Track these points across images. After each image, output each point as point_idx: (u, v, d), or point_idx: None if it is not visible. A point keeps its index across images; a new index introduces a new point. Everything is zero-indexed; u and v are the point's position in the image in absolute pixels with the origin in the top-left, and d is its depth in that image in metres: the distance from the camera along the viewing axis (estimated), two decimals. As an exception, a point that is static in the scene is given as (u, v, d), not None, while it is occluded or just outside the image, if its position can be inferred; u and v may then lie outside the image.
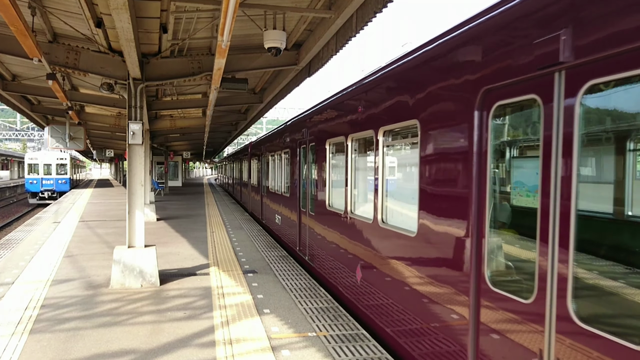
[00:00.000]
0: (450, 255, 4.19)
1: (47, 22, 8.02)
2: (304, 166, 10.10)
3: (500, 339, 3.54)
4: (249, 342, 5.72)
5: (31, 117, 17.61)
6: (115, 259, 8.20)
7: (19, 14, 5.66)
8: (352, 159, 6.99)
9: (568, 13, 2.94)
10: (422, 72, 4.73)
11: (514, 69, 3.37)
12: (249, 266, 9.85)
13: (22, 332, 6.00)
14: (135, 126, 8.52)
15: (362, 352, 5.42)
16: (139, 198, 8.61)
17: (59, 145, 15.29)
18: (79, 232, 14.80)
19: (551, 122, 3.07)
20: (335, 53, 8.56)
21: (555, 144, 3.03)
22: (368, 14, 6.74)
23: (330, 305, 7.16)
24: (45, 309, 6.95)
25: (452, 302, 4.16)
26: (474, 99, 3.84)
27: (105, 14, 6.45)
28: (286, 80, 11.57)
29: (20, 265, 9.87)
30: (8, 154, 66.56)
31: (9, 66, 11.22)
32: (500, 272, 3.77)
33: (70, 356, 5.31)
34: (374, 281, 6.04)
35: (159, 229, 15.51)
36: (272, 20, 7.74)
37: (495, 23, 3.64)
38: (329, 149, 8.10)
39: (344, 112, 7.13)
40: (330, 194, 8.20)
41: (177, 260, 10.40)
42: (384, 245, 5.69)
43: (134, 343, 5.70)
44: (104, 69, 8.89)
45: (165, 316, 6.69)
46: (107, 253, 11.10)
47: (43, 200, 37.28)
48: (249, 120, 20.04)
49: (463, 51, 4.01)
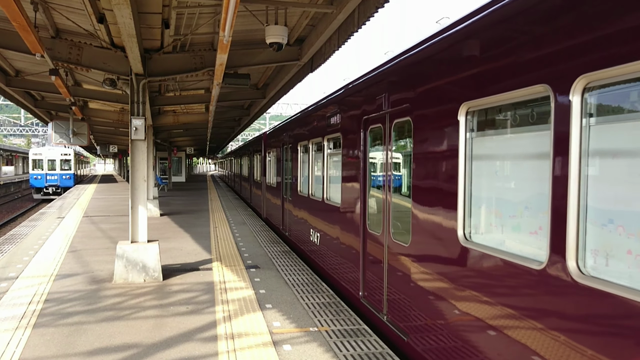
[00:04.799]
0: (353, 215, 7.09)
1: (49, 17, 8.03)
2: (283, 164, 13.16)
3: (372, 254, 6.47)
4: (250, 337, 5.75)
5: (35, 113, 17.66)
6: (118, 254, 8.24)
7: (21, 10, 5.67)
8: (311, 158, 9.97)
9: (386, 89, 5.90)
10: (339, 106, 7.86)
11: (374, 110, 6.27)
12: (251, 261, 9.88)
13: (26, 326, 6.05)
14: (138, 122, 8.54)
15: (363, 347, 5.44)
16: (142, 193, 8.64)
17: (63, 141, 15.38)
18: (83, 227, 14.87)
19: (388, 138, 5.94)
20: (337, 48, 8.54)
21: (368, 149, 6.66)
22: (370, 9, 6.72)
23: (332, 301, 7.18)
24: (49, 304, 7.00)
25: (355, 239, 7.06)
26: (361, 123, 6.74)
27: (107, 9, 6.46)
28: (289, 76, 11.56)
29: (25, 260, 9.93)
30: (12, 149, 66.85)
31: (12, 62, 11.25)
32: (371, 222, 6.57)
33: (74, 350, 5.35)
34: (321, 239, 8.94)
35: (162, 224, 15.56)
36: (273, 16, 7.73)
37: (358, 89, 6.98)
38: (300, 149, 11.01)
39: (307, 125, 10.25)
40: (299, 183, 11.02)
41: (180, 255, 10.44)
42: (326, 212, 8.66)
43: (136, 337, 5.74)
44: (106, 65, 8.90)
45: (168, 311, 6.73)
46: (110, 248, 11.16)
47: (47, 195, 37.45)
48: (252, 116, 20.05)
49: (353, 99, 7.16)
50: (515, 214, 3.67)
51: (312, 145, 9.77)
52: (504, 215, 3.83)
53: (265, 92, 14.65)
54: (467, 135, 4.23)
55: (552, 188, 3.10)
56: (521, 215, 3.59)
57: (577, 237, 2.93)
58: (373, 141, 6.52)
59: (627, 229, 2.68)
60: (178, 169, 47.92)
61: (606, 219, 2.82)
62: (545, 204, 3.18)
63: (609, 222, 2.81)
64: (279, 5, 7.41)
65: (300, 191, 10.91)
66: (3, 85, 12.01)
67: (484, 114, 4.08)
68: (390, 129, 5.86)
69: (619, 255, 2.74)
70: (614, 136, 2.84)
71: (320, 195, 9.10)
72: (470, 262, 4.06)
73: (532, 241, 3.46)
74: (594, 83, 2.85)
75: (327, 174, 8.68)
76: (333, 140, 8.43)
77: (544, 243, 3.28)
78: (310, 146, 9.87)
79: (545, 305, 3.16)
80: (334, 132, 8.07)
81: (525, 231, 3.56)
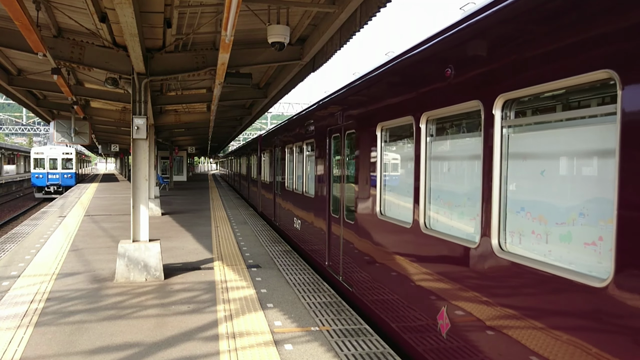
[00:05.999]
0: (322, 204, 9.08)
1: (51, 16, 8.04)
2: (274, 163, 15.30)
3: (334, 232, 8.29)
4: (252, 336, 5.75)
5: (37, 112, 17.68)
6: (119, 253, 8.25)
7: (24, 9, 5.67)
8: (295, 158, 12.01)
9: (341, 108, 7.89)
10: (313, 118, 9.85)
11: (335, 123, 8.23)
12: (252, 261, 9.89)
13: (28, 325, 6.06)
14: (140, 121, 8.54)
15: (364, 347, 5.44)
16: (144, 192, 8.65)
17: (65, 140, 15.38)
18: (85, 226, 14.89)
19: (343, 144, 7.77)
20: (339, 48, 8.54)
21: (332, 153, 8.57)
22: (372, 9, 6.71)
23: (333, 300, 7.18)
24: (51, 302, 7.01)
25: (323, 222, 9.01)
26: (326, 132, 8.75)
27: (109, 8, 6.46)
28: (290, 75, 11.55)
29: (26, 258, 9.95)
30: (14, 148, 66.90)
31: (14, 61, 11.26)
32: (333, 208, 8.39)
33: (75, 349, 5.36)
34: (301, 224, 11.06)
35: (163, 223, 15.57)
36: (275, 15, 7.73)
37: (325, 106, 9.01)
38: (287, 151, 12.98)
39: (292, 131, 12.34)
40: (286, 179, 13.10)
41: (181, 255, 10.45)
42: (304, 202, 10.72)
43: (138, 336, 5.75)
44: (108, 64, 8.90)
45: (169, 310, 6.73)
46: (112, 247, 11.17)
47: (49, 194, 37.47)
48: (254, 115, 20.03)
49: (322, 113, 9.19)
50: (446, 202, 4.83)
51: (295, 148, 11.95)
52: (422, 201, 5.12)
53: (267, 91, 14.65)
54: (383, 144, 6.18)
55: (482, 184, 3.94)
56: (461, 205, 4.55)
57: (499, 222, 3.77)
58: (335, 146, 8.45)
59: (532, 214, 3.53)
60: (179, 168, 47.94)
61: (519, 207, 3.67)
62: (479, 196, 4.00)
63: (521, 210, 3.65)
64: (280, 5, 7.40)
65: (287, 186, 13.04)
66: (5, 84, 12.03)
67: (395, 129, 5.94)
68: (344, 137, 7.76)
69: (526, 234, 3.58)
70: (524, 142, 3.66)
71: (300, 189, 11.25)
72: (387, 231, 5.87)
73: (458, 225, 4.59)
74: (509, 100, 3.69)
75: (306, 171, 10.87)
76: (309, 145, 10.42)
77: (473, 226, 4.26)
78: (294, 148, 12.06)
79: (466, 271, 4.15)
80: (310, 138, 10.12)
81: (460, 218, 4.57)
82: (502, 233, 3.76)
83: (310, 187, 10.38)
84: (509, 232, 3.73)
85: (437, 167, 4.91)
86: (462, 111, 4.33)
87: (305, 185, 10.86)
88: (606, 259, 2.86)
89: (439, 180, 4.88)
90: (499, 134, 3.75)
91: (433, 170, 4.93)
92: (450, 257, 4.37)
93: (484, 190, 3.89)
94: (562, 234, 3.24)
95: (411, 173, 5.22)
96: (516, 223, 3.67)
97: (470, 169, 4.33)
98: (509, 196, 3.74)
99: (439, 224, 4.83)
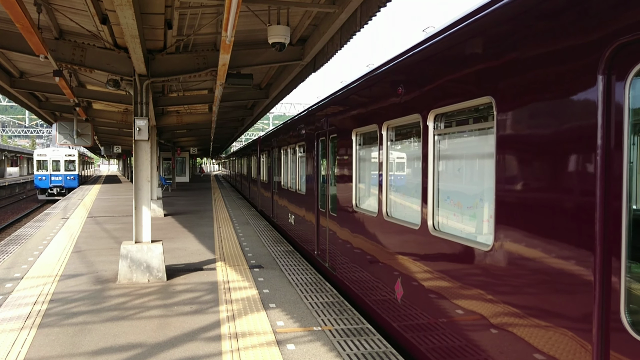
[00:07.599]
0: (312, 198, 10.10)
1: (52, 18, 8.06)
2: (272, 164, 16.30)
3: (322, 224, 9.21)
4: (254, 336, 5.76)
5: (39, 114, 17.73)
6: (122, 254, 8.27)
7: (25, 11, 5.69)
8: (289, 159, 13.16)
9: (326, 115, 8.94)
10: (304, 122, 10.86)
11: (321, 128, 9.05)
12: (255, 261, 9.90)
13: (31, 326, 6.08)
14: (142, 122, 8.56)
15: (366, 346, 5.45)
16: (146, 194, 8.67)
17: (67, 142, 15.39)
18: (87, 227, 14.93)
19: (329, 146, 8.80)
20: (340, 48, 8.53)
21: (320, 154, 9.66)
22: (372, 8, 6.71)
23: (335, 300, 7.19)
24: (54, 304, 7.03)
25: (313, 216, 10.02)
26: (315, 135, 9.71)
27: (110, 10, 6.47)
28: (291, 76, 11.56)
29: (29, 260, 9.98)
30: (17, 150, 67.10)
31: (16, 63, 11.31)
32: (321, 203, 9.32)
33: (78, 350, 5.38)
34: (295, 219, 12.15)
35: (166, 224, 15.60)
36: (276, 16, 7.74)
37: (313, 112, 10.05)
38: (282, 152, 14.16)
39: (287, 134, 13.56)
40: (282, 178, 14.24)
41: (184, 255, 10.47)
42: (298, 199, 11.84)
43: (141, 337, 5.76)
44: (109, 66, 8.93)
45: (172, 310, 6.75)
46: (115, 248, 11.20)
47: (52, 196, 37.58)
48: (255, 116, 20.06)
49: (311, 118, 10.11)
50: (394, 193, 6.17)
51: (290, 150, 13.02)
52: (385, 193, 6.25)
53: (268, 92, 14.66)
54: (357, 147, 7.36)
55: (422, 179, 5.08)
56: (405, 197, 5.88)
57: (433, 208, 4.91)
58: (322, 148, 9.44)
59: (454, 201, 4.69)
60: (182, 169, 48.02)
61: (446, 197, 4.81)
62: (419, 189, 5.17)
63: (447, 198, 4.79)
64: (281, 5, 7.41)
65: (283, 185, 14.19)
66: (8, 87, 12.07)
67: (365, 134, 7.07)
68: (329, 141, 8.80)
69: (450, 217, 4.75)
70: (448, 147, 4.82)
71: (294, 187, 12.44)
72: (361, 220, 6.97)
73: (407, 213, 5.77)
74: (438, 114, 4.81)
75: (298, 171, 11.99)
76: (302, 147, 11.48)
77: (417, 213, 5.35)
78: (289, 150, 13.14)
79: (413, 248, 5.31)
80: (302, 141, 11.17)
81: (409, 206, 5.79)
82: (436, 217, 4.90)
83: (302, 185, 11.46)
84: (441, 216, 4.88)
85: (398, 167, 6.21)
86: (410, 122, 5.48)
87: (298, 183, 12.01)
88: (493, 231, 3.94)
89: (399, 178, 6.20)
90: (432, 140, 4.89)
91: (395, 168, 6.22)
92: (401, 238, 5.60)
93: (423, 184, 5.02)
94: (470, 215, 4.47)
95: (376, 171, 6.43)
96: (444, 209, 4.84)
97: (417, 167, 5.41)
98: (440, 188, 4.87)
99: (397, 212, 6.04)
